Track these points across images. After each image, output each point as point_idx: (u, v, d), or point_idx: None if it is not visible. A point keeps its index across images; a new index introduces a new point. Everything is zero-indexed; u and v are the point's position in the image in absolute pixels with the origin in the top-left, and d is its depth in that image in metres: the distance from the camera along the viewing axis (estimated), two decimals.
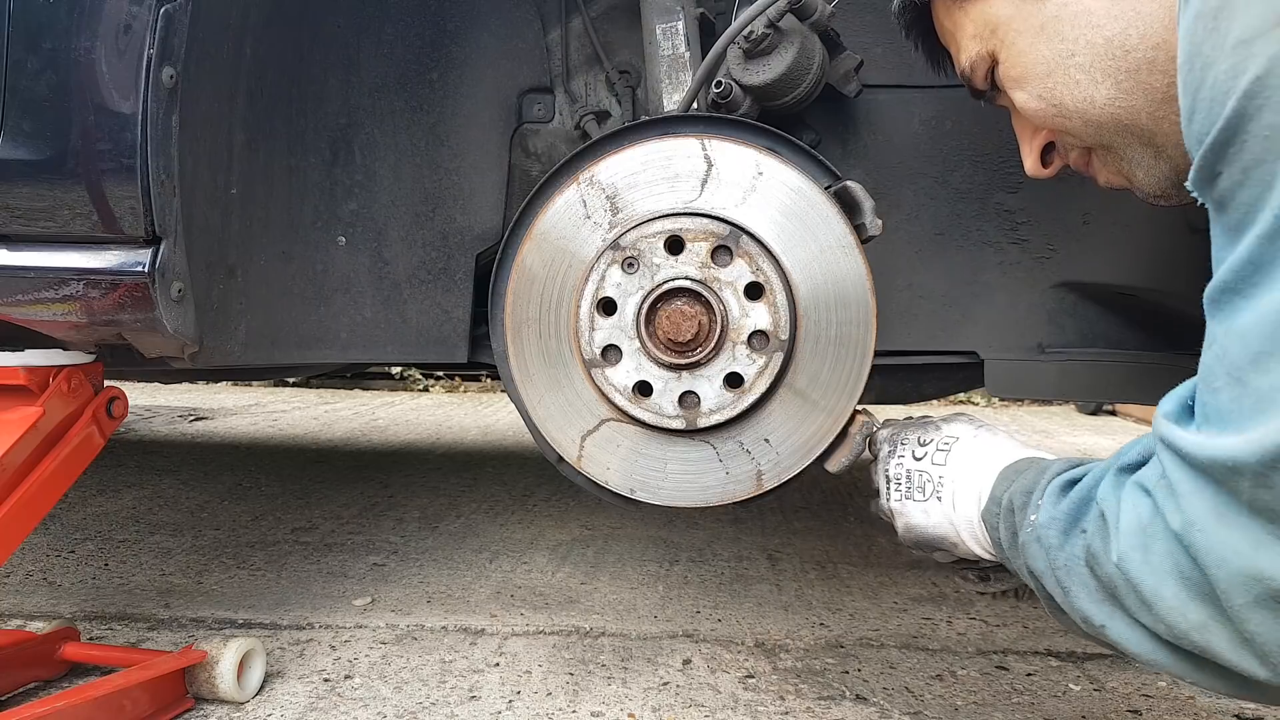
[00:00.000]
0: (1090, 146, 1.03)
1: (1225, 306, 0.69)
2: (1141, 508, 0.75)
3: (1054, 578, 0.86)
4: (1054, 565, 0.85)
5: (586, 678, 1.59)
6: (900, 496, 1.14)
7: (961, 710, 1.50)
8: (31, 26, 1.14)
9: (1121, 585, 0.76)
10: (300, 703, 1.47)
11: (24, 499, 1.35)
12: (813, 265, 1.24)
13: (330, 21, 1.46)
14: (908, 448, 1.16)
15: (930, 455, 1.12)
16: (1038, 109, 1.01)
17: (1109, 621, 0.80)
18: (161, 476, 3.28)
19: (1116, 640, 0.80)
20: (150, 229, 1.19)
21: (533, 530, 2.60)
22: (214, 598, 1.97)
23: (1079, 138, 1.02)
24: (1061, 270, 1.49)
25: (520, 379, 1.32)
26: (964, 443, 1.11)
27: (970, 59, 1.07)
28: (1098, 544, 0.79)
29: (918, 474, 1.12)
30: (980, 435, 1.12)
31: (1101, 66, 0.93)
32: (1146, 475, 0.76)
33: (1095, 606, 0.81)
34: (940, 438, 1.13)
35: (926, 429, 1.17)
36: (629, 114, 1.54)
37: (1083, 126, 0.99)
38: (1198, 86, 0.70)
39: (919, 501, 1.11)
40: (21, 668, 1.47)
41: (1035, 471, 0.96)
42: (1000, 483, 1.02)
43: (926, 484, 1.11)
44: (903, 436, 1.18)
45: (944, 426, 1.15)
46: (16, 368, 1.38)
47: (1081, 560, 0.82)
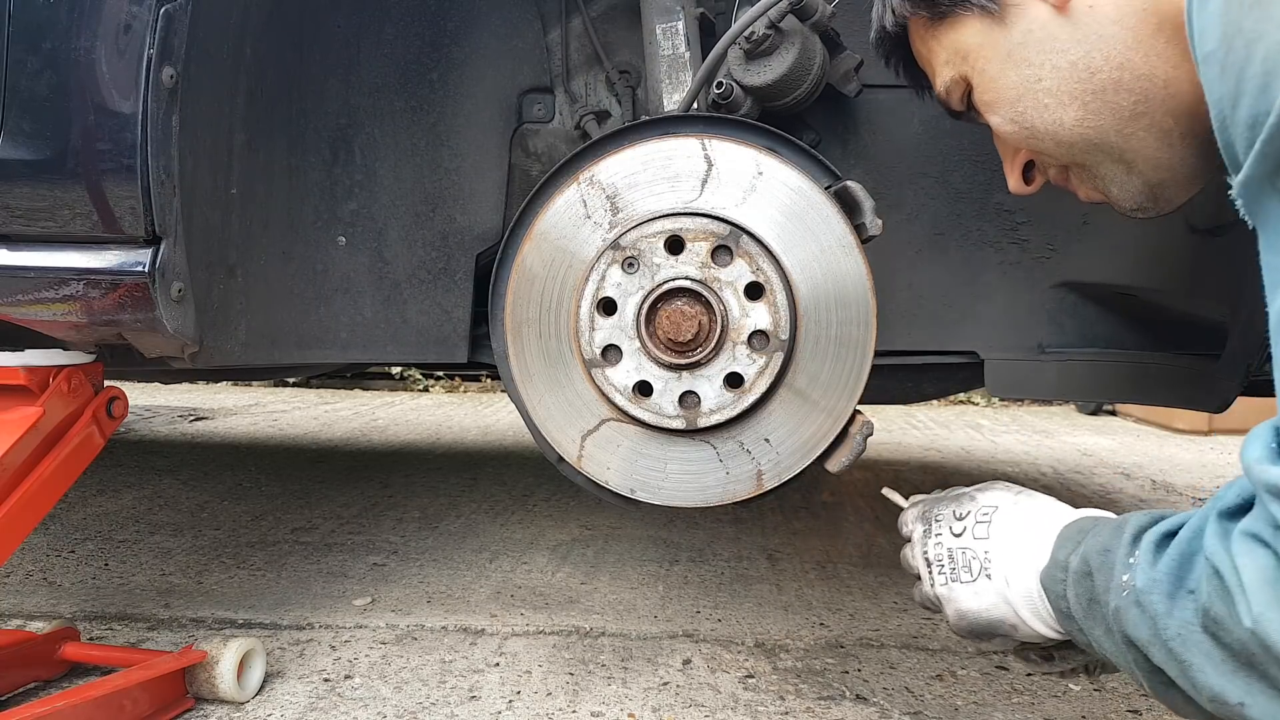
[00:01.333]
0: (1066, 164, 1.05)
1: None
2: (1263, 560, 0.65)
3: (1165, 649, 0.74)
4: (1164, 635, 0.74)
5: (586, 678, 1.59)
6: (945, 580, 1.02)
7: (961, 710, 1.50)
8: (31, 26, 1.14)
9: (1260, 653, 0.66)
10: (300, 703, 1.47)
11: (24, 499, 1.35)
12: (813, 265, 1.24)
13: (330, 22, 1.46)
14: (943, 524, 1.05)
15: (970, 529, 1.02)
16: (1011, 132, 1.04)
17: (1249, 699, 0.69)
18: (161, 476, 3.28)
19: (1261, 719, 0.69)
20: (150, 229, 1.19)
21: (533, 530, 2.60)
22: (214, 598, 1.97)
23: (1053, 157, 1.04)
24: (1061, 270, 1.49)
25: (520, 379, 1.32)
26: (1005, 510, 1.01)
27: (945, 84, 1.10)
28: (1218, 607, 0.69)
29: (960, 551, 1.01)
30: (1021, 500, 1.03)
31: (1068, 89, 0.95)
32: (1256, 524, 0.67)
33: (1227, 681, 0.70)
34: (978, 508, 1.03)
35: (960, 501, 1.07)
36: (629, 114, 1.54)
37: (1055, 147, 1.01)
38: (1242, 66, 0.66)
39: (967, 583, 1.00)
40: (21, 668, 1.47)
41: (1111, 528, 0.86)
42: (1063, 544, 0.91)
43: (972, 561, 1.00)
44: (936, 513, 1.08)
45: (979, 496, 1.05)
46: (16, 368, 1.38)
47: (1198, 626, 0.71)
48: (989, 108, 1.05)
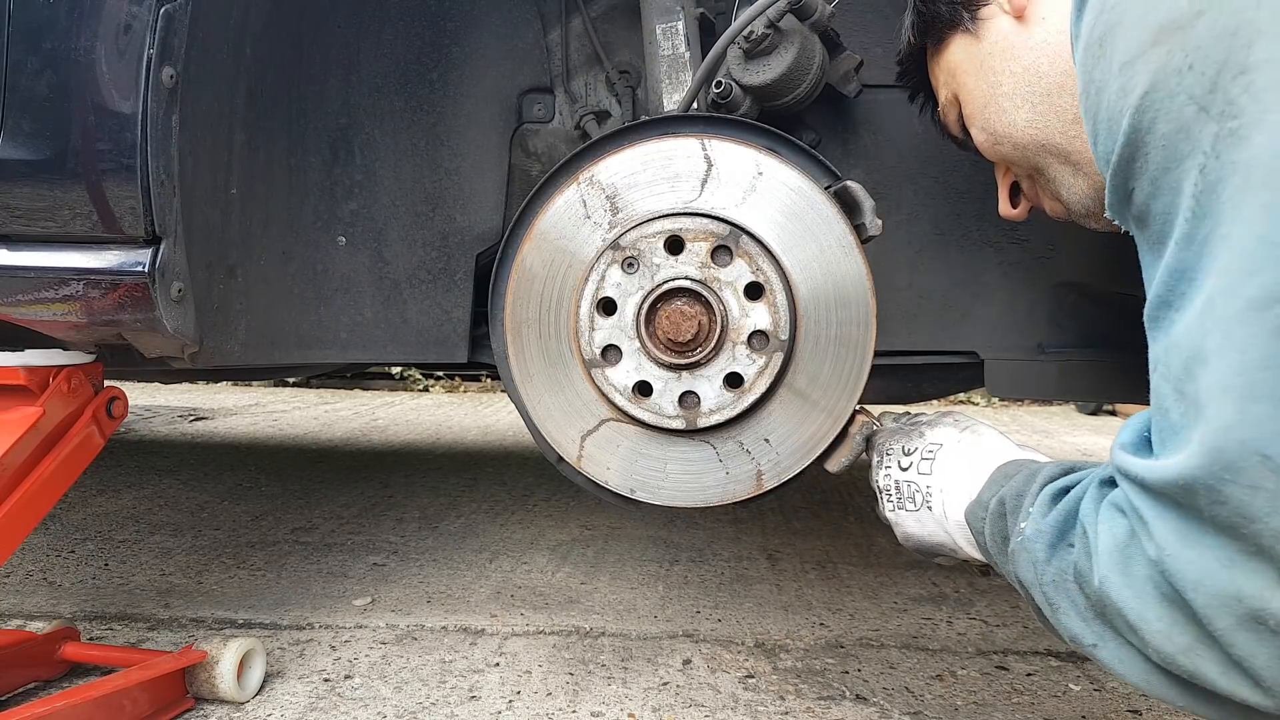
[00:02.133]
0: (1029, 173, 1.11)
1: (1161, 322, 0.68)
2: (1118, 528, 0.72)
3: (1041, 592, 0.83)
4: (1041, 580, 0.83)
5: (586, 678, 1.59)
6: (893, 507, 1.14)
7: (961, 710, 1.50)
8: (31, 26, 1.14)
9: (1108, 607, 0.73)
10: (300, 703, 1.47)
11: (24, 499, 1.35)
12: (813, 265, 1.24)
13: (330, 22, 1.46)
14: (893, 458, 1.14)
15: (915, 464, 1.11)
16: (983, 141, 1.11)
17: (1100, 642, 0.77)
18: (161, 476, 3.28)
19: (1108, 662, 0.77)
20: (150, 229, 1.19)
21: (533, 530, 2.60)
22: (214, 598, 1.97)
23: (1018, 164, 1.11)
24: (1061, 270, 1.49)
25: (520, 379, 1.32)
26: (948, 449, 1.09)
27: (942, 105, 1.18)
28: (1084, 563, 0.77)
29: (906, 484, 1.11)
30: (964, 439, 1.10)
31: (1021, 93, 1.03)
32: (1119, 496, 0.74)
33: (1085, 626, 0.78)
34: (924, 445, 1.12)
35: (910, 436, 1.15)
36: (629, 114, 1.54)
37: (1013, 151, 1.08)
38: (1096, 110, 0.74)
39: (911, 511, 1.11)
40: (21, 668, 1.47)
41: (1026, 476, 0.94)
42: (989, 486, 1.00)
43: (915, 494, 1.10)
44: (887, 446, 1.17)
45: (928, 432, 1.13)
46: (16, 368, 1.38)
47: (1070, 577, 0.79)
48: (970, 121, 1.13)
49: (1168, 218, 0.68)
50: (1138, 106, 0.68)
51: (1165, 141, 0.66)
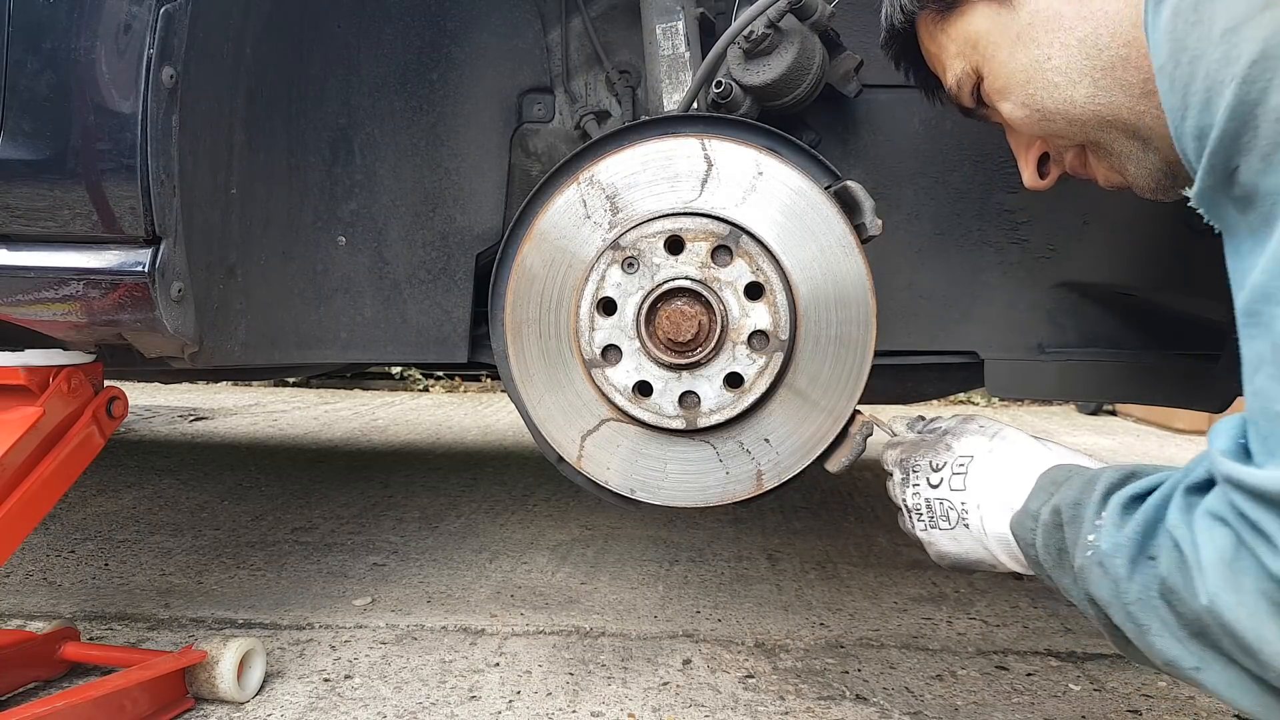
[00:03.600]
0: (1081, 144, 1.04)
1: (1263, 317, 0.63)
2: (1221, 541, 0.66)
3: (1124, 612, 0.76)
4: (1124, 598, 0.76)
5: (586, 678, 1.59)
6: (924, 526, 1.07)
7: (961, 710, 1.50)
8: (31, 26, 1.14)
9: (1215, 628, 0.67)
10: (300, 703, 1.47)
11: (24, 499, 1.35)
12: (813, 265, 1.24)
13: (330, 22, 1.46)
14: (920, 475, 1.08)
15: (947, 480, 1.05)
16: (1024, 117, 1.03)
17: (1203, 665, 0.70)
18: (161, 476, 3.28)
19: (1215, 686, 0.70)
20: (150, 229, 1.19)
21: (533, 530, 2.60)
22: (214, 598, 1.97)
23: (1067, 138, 1.03)
24: (1061, 270, 1.49)
25: (520, 379, 1.32)
26: (980, 460, 1.03)
27: (956, 77, 1.10)
28: (1176, 579, 0.70)
29: (938, 502, 1.05)
30: (995, 448, 1.04)
31: (1077, 67, 0.95)
32: (1218, 505, 0.68)
33: (1182, 648, 0.71)
34: (954, 459, 1.05)
35: (937, 451, 1.08)
36: (629, 114, 1.54)
37: (1068, 127, 1.00)
38: (1188, 82, 0.68)
39: (945, 530, 1.04)
40: (21, 668, 1.47)
41: (1083, 482, 0.87)
42: (1037, 494, 0.93)
43: (949, 511, 1.03)
44: (913, 463, 1.10)
45: (955, 444, 1.07)
46: (16, 368, 1.38)
47: (1156, 594, 0.72)
48: (1000, 94, 1.04)
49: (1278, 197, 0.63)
50: (1245, 76, 0.63)
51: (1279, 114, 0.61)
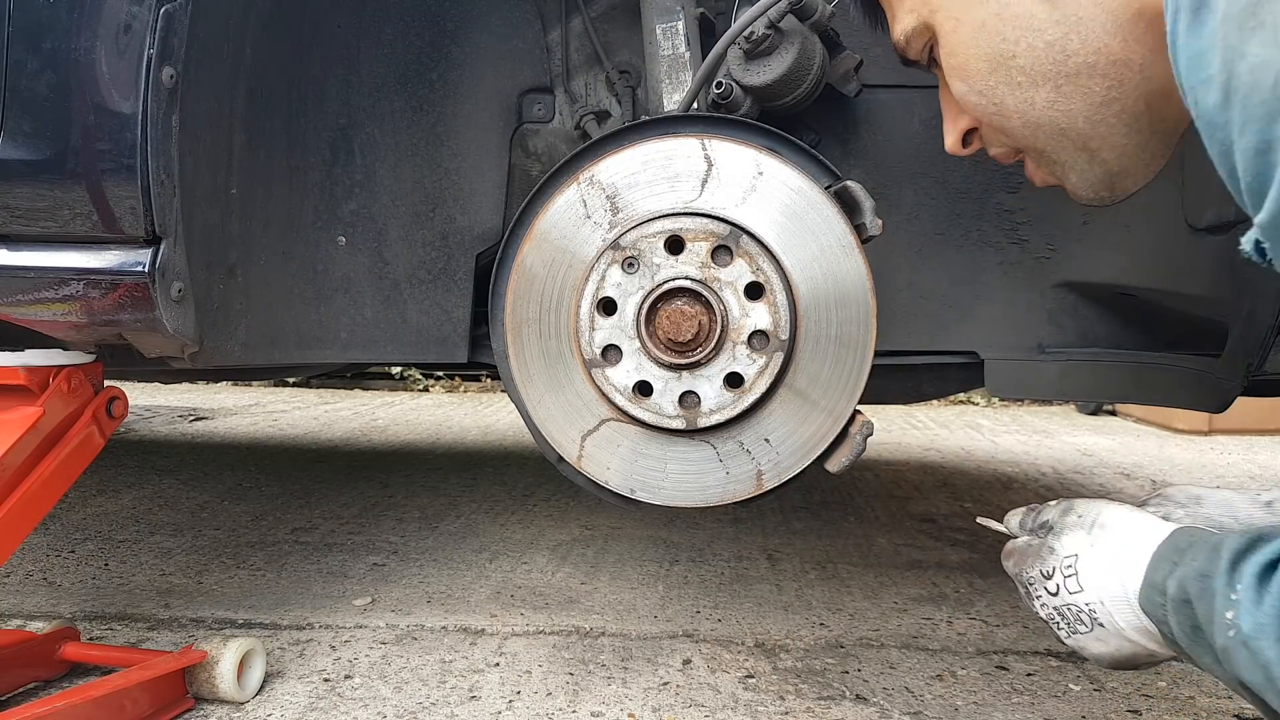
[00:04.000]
0: (1021, 149, 1.03)
1: None
2: None
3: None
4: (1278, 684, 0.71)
5: (586, 678, 1.59)
6: (1068, 633, 1.03)
7: (961, 710, 1.50)
8: (31, 26, 1.14)
9: None
10: (300, 703, 1.47)
11: (24, 499, 1.35)
12: (813, 265, 1.24)
13: (330, 21, 1.46)
14: (1037, 586, 1.05)
15: (1062, 585, 1.01)
16: (977, 103, 1.01)
17: None
18: (161, 476, 3.28)
19: None
20: (150, 229, 1.19)
21: (533, 530, 2.60)
22: (214, 598, 1.97)
23: (1014, 138, 1.02)
24: (1061, 270, 1.49)
25: (520, 379, 1.32)
26: (1085, 558, 1.00)
27: (906, 32, 1.06)
28: None
29: (1066, 609, 1.01)
30: (1096, 539, 1.00)
31: (1042, 70, 0.93)
32: None
33: None
34: (1060, 563, 1.02)
35: (1043, 558, 1.05)
36: (629, 114, 1.54)
37: (1021, 127, 0.99)
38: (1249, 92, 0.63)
39: (1086, 634, 1.00)
40: (21, 668, 1.47)
41: (1207, 551, 0.82)
42: (1158, 566, 0.89)
43: (1081, 615, 0.99)
44: (1027, 577, 1.07)
45: (1058, 546, 1.03)
46: (16, 368, 1.38)
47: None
48: (955, 73, 1.02)
49: None
50: None
51: None
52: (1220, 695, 1.57)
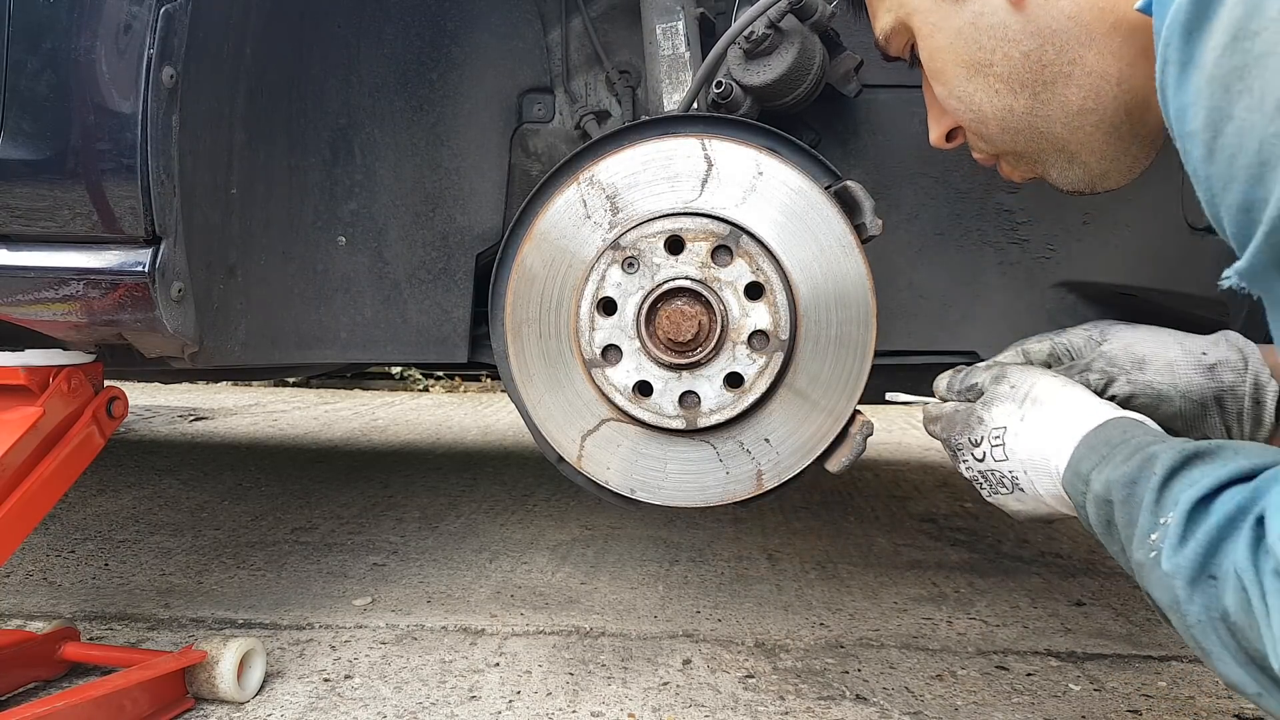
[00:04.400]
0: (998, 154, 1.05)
1: None
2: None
3: (1184, 627, 0.75)
4: (1185, 620, 0.74)
5: (586, 678, 1.59)
6: (990, 492, 1.07)
7: (961, 710, 1.50)
8: (31, 26, 1.14)
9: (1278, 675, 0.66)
10: (300, 703, 1.47)
11: (24, 499, 1.35)
12: (813, 265, 1.24)
13: (330, 21, 1.46)
14: (965, 452, 1.08)
15: (989, 453, 1.04)
16: (956, 108, 1.03)
17: (1265, 692, 0.70)
18: (161, 476, 3.28)
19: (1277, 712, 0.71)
20: (150, 229, 1.19)
21: (533, 530, 2.60)
22: (214, 598, 1.97)
23: (991, 143, 1.04)
24: (1061, 270, 1.49)
25: (520, 379, 1.32)
26: (1013, 430, 1.02)
27: (885, 31, 1.07)
28: (1241, 619, 0.69)
29: (990, 473, 1.05)
30: (1028, 415, 1.01)
31: (1019, 79, 0.95)
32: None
33: (1244, 673, 0.71)
34: (989, 434, 1.04)
35: (971, 425, 1.07)
36: (629, 114, 1.54)
37: (999, 132, 1.01)
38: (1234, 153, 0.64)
39: (1005, 495, 1.05)
40: (21, 668, 1.47)
41: (1140, 460, 0.83)
42: (1086, 454, 0.91)
43: (1003, 479, 1.03)
44: (955, 441, 1.10)
45: (986, 416, 1.05)
46: (16, 368, 1.38)
47: (1219, 618, 0.71)
48: (935, 77, 1.03)
49: None
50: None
51: None
52: (1220, 695, 1.57)
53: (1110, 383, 1.08)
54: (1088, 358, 1.11)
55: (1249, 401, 1.06)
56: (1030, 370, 1.08)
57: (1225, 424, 1.07)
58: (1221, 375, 1.06)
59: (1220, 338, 1.10)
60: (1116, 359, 1.09)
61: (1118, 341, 1.11)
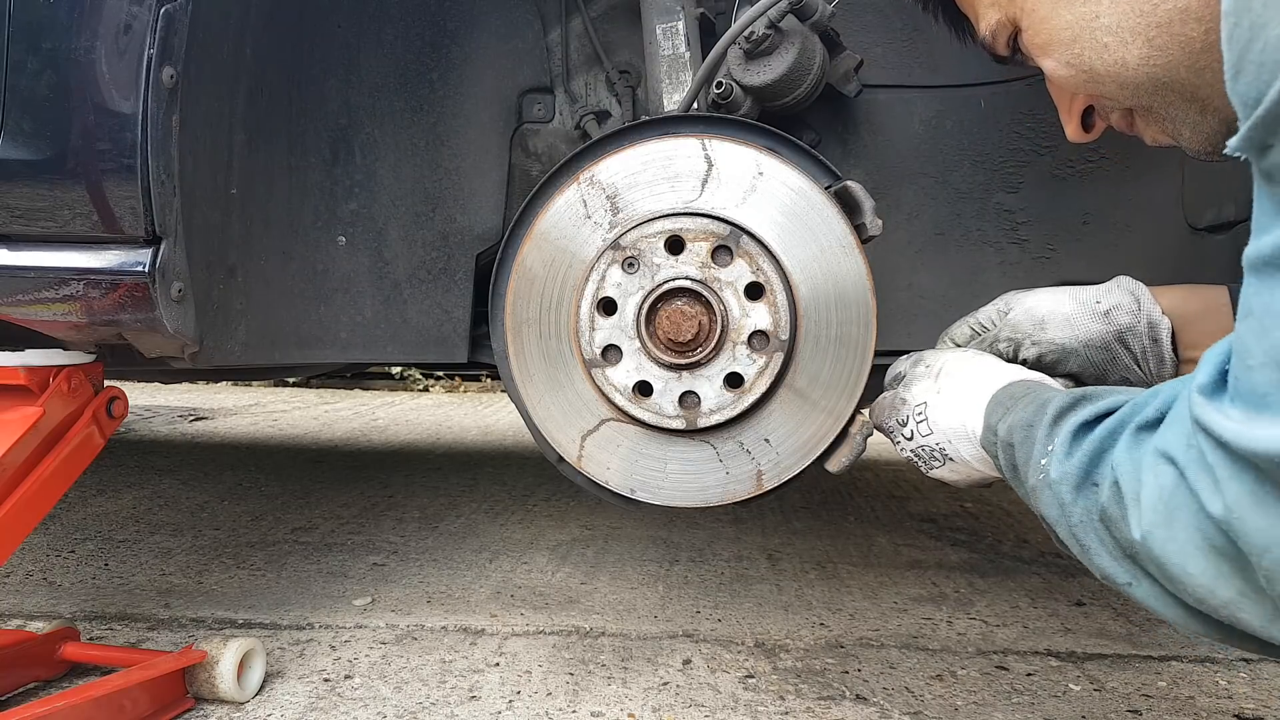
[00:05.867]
0: (1130, 108, 0.99)
1: (1267, 279, 0.64)
2: (1165, 479, 0.70)
3: (1069, 531, 0.82)
4: (1069, 520, 0.82)
5: (586, 678, 1.59)
6: (927, 469, 1.12)
7: (961, 710, 1.50)
8: (31, 26, 1.14)
9: (1144, 556, 0.73)
10: (300, 703, 1.47)
11: (24, 499, 1.35)
12: (813, 265, 1.24)
13: (330, 21, 1.46)
14: (896, 434, 1.14)
15: (915, 430, 1.10)
16: (1068, 76, 0.98)
17: (1134, 580, 0.77)
18: (161, 476, 3.28)
19: (1143, 599, 0.77)
20: (150, 229, 1.19)
21: (533, 530, 2.60)
22: (214, 598, 1.97)
23: (1116, 101, 0.98)
24: (1061, 270, 1.49)
25: (520, 379, 1.32)
26: (933, 404, 1.09)
27: (990, 27, 1.05)
28: (1114, 510, 0.75)
29: (922, 449, 1.10)
30: (944, 387, 1.08)
31: (1129, 26, 0.89)
32: (1170, 441, 0.70)
33: (1116, 565, 0.78)
34: (911, 410, 1.11)
35: (896, 408, 1.14)
36: (629, 114, 1.54)
37: (1118, 90, 0.95)
38: (1246, 44, 0.64)
39: (939, 467, 1.10)
40: (21, 668, 1.47)
41: (1036, 404, 0.91)
42: (994, 410, 0.99)
43: (934, 453, 1.09)
44: (887, 426, 1.16)
45: (908, 395, 1.12)
46: (16, 368, 1.38)
47: (1097, 518, 0.78)
48: (1042, 51, 0.99)
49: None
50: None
51: None
52: (1220, 695, 1.57)
53: (1018, 348, 1.16)
54: (996, 329, 1.18)
55: (1148, 340, 1.12)
56: (942, 351, 1.16)
57: (1135, 364, 1.14)
58: (1117, 319, 1.13)
59: (1114, 284, 1.15)
60: (1020, 325, 1.16)
61: (1019, 308, 1.17)
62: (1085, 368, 1.14)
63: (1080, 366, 1.14)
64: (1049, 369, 1.13)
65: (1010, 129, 1.47)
